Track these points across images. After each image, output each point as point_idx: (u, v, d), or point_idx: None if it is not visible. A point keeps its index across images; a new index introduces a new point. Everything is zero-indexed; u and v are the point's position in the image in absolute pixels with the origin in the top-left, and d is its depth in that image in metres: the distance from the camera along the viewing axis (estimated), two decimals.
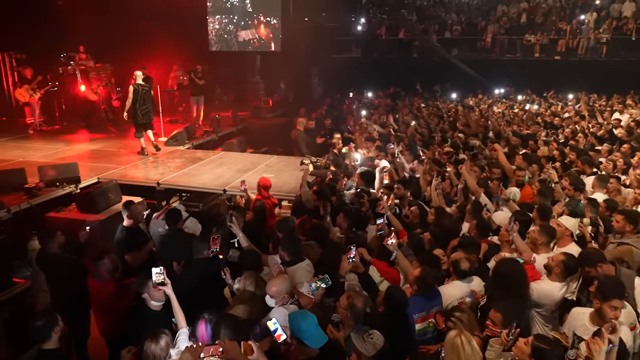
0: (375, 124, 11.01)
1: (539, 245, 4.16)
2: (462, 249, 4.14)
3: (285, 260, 4.26)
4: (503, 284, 3.56)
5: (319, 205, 5.53)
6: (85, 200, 6.92)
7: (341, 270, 3.74)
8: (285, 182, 7.90)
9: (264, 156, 9.79)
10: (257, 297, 3.83)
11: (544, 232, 4.17)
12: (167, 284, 3.48)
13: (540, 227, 4.25)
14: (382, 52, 20.23)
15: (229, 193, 7.54)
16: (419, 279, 3.54)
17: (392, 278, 4.20)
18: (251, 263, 4.41)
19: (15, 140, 11.01)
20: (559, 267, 3.62)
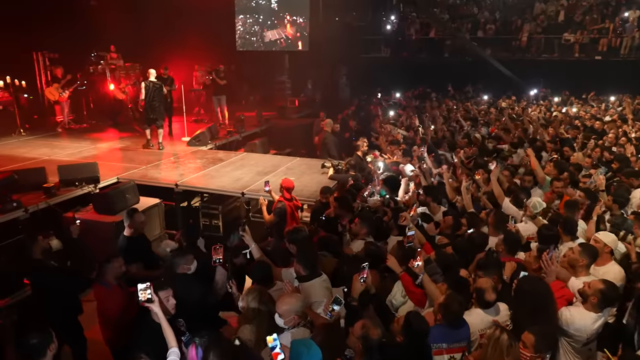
0: (402, 127, 10.57)
1: (579, 268, 3.70)
2: (480, 270, 3.73)
3: (301, 275, 3.94)
4: (527, 304, 3.16)
5: (339, 215, 5.19)
6: (102, 201, 6.81)
7: (353, 292, 3.38)
8: (306, 186, 7.59)
9: (286, 158, 9.52)
10: (262, 313, 3.53)
11: (585, 253, 3.70)
12: (155, 301, 3.22)
13: (581, 247, 3.77)
14: (412, 52, 19.68)
15: (247, 196, 7.28)
16: (443, 306, 3.16)
17: (417, 299, 3.80)
18: (260, 276, 4.13)
19: (44, 138, 11.13)
20: (595, 296, 3.17)
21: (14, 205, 6.41)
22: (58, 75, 12.32)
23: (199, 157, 9.40)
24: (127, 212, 5.38)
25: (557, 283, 3.51)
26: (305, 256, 4.00)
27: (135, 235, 5.30)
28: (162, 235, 7.54)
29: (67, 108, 12.37)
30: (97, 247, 6.78)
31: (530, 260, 3.88)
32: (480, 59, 18.51)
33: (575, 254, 3.71)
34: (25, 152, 9.59)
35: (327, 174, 8.14)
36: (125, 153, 9.68)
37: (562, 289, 3.49)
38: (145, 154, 9.61)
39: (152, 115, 9.81)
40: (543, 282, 3.37)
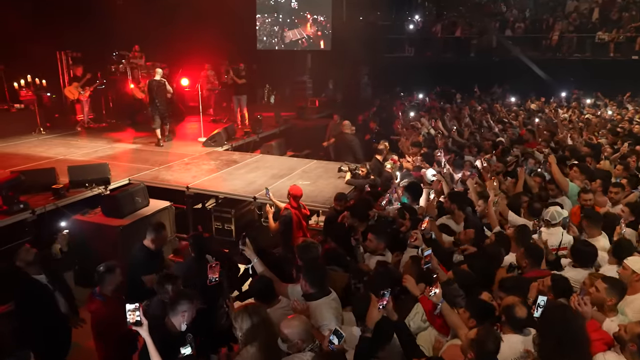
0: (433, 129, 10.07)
1: (607, 307, 3.18)
2: (503, 292, 3.27)
3: (307, 293, 3.55)
4: (554, 337, 2.68)
5: (353, 226, 4.77)
6: (110, 204, 6.56)
7: (369, 321, 2.93)
8: (321, 191, 7.19)
9: (302, 161, 9.13)
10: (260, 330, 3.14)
11: (612, 290, 3.17)
12: (144, 324, 2.89)
13: (607, 283, 3.20)
14: (436, 51, 19.05)
15: (259, 201, 6.93)
16: (477, 343, 2.69)
17: (439, 326, 3.35)
18: (260, 291, 3.75)
19: (63, 137, 11.05)
20: (635, 343, 2.65)
21: (21, 206, 6.22)
22: (78, 74, 12.27)
23: (214, 158, 9.11)
24: (153, 226, 4.98)
25: (593, 323, 3.01)
26: (313, 272, 3.60)
27: (155, 249, 4.92)
28: (172, 239, 7.27)
29: (87, 107, 12.31)
30: (103, 251, 6.59)
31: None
32: (508, 59, 17.77)
33: (601, 292, 3.17)
34: (41, 151, 9.49)
35: (344, 178, 7.72)
36: (139, 153, 9.47)
37: (599, 330, 2.98)
38: (160, 154, 9.38)
39: (157, 112, 10.10)
40: (572, 312, 2.88)
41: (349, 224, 4.83)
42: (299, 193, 5.93)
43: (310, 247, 4.15)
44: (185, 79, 13.86)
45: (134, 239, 6.56)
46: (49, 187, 6.79)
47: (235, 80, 12.03)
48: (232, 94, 12.36)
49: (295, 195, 5.91)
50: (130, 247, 6.50)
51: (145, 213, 6.82)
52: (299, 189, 5.98)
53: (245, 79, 12.10)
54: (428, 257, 3.50)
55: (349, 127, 9.18)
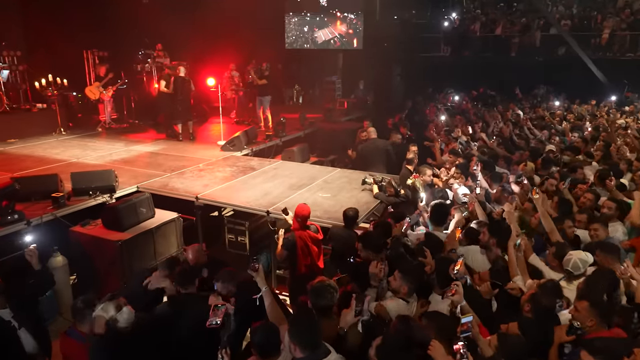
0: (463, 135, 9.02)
1: None
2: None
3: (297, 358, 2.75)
4: None
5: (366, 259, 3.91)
6: (110, 215, 5.95)
7: None
8: (343, 206, 6.30)
9: (325, 169, 8.29)
10: None
11: None
12: None
13: None
14: (475, 51, 17.80)
15: (272, 215, 6.15)
16: None
17: None
18: (261, 345, 2.95)
19: (82, 138, 10.66)
20: None
21: (15, 217, 5.68)
22: (101, 73, 11.87)
23: (230, 164, 8.41)
24: (167, 261, 4.25)
25: None
26: (300, 331, 2.77)
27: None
28: (179, 253, 6.60)
29: (109, 107, 11.91)
30: (101, 267, 6.00)
31: None
32: (552, 58, 16.37)
33: None
34: (56, 153, 9.06)
35: (369, 191, 6.84)
36: (154, 157, 8.89)
37: None
38: (174, 159, 8.77)
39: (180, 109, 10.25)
40: None
41: (362, 257, 3.97)
42: (304, 213, 5.12)
43: (324, 291, 3.27)
44: (211, 79, 13.29)
45: (135, 254, 5.96)
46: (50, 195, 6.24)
47: (255, 81, 11.36)
48: (255, 95, 11.68)
49: (300, 215, 5.11)
50: (131, 264, 5.92)
51: (150, 226, 6.18)
52: (306, 208, 5.16)
53: (267, 79, 11.39)
54: (467, 325, 2.61)
55: (374, 133, 8.27)
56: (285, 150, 9.23)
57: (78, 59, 13.20)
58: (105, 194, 6.65)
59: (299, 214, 5.10)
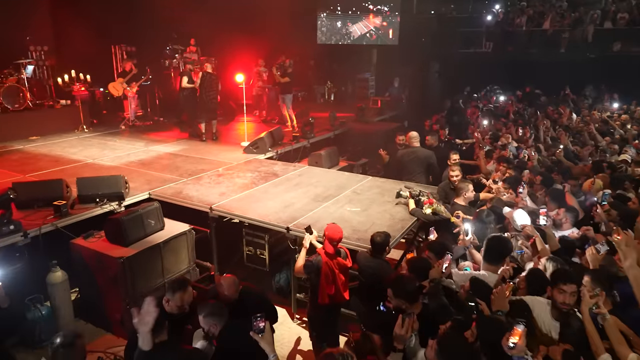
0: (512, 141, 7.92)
1: None
2: None
3: None
4: None
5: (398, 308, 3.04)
6: (113, 228, 5.29)
7: None
8: (374, 224, 5.47)
9: (354, 177, 7.41)
10: None
11: None
12: None
13: None
14: (519, 47, 16.38)
15: (293, 233, 5.34)
16: None
17: None
18: None
19: (103, 136, 10.19)
20: None
21: (11, 227, 5.10)
22: (126, 69, 11.39)
23: (251, 169, 7.66)
24: (171, 285, 3.59)
25: None
26: None
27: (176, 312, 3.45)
28: (190, 268, 5.92)
29: (134, 104, 11.42)
30: (104, 285, 5.37)
31: None
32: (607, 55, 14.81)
33: None
34: (73, 153, 8.58)
35: (405, 205, 5.94)
36: (173, 159, 8.25)
37: None
38: (194, 161, 8.11)
39: (209, 106, 9.73)
40: None
41: (394, 305, 3.09)
42: (335, 237, 4.28)
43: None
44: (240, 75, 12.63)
45: (140, 272, 5.29)
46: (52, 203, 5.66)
47: (276, 78, 10.60)
48: (278, 93, 10.92)
49: (331, 238, 4.27)
50: (135, 283, 5.26)
51: (158, 240, 5.49)
52: (338, 231, 4.32)
53: (290, 76, 10.59)
54: None
55: (415, 139, 7.31)
56: (312, 154, 8.40)
57: (106, 53, 12.83)
58: (114, 202, 6.04)
59: (329, 238, 4.26)
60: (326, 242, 4.31)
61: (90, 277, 5.36)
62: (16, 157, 8.39)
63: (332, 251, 4.29)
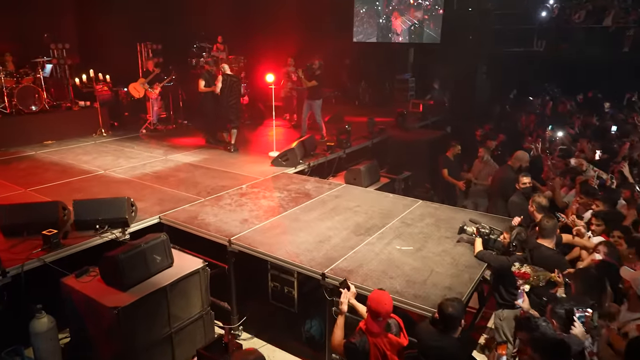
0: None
1: None
2: None
3: None
4: None
5: None
6: (109, 267, 4.25)
7: None
8: (432, 272, 4.23)
9: (401, 200, 6.13)
10: None
11: None
12: None
13: None
14: (576, 45, 14.61)
15: (330, 281, 4.16)
16: None
17: None
18: None
19: (121, 141, 9.29)
20: None
21: None
22: (149, 68, 10.47)
23: (280, 187, 6.52)
24: None
25: None
26: None
27: None
28: (204, 313, 4.83)
29: (156, 106, 10.50)
30: (96, 335, 4.33)
31: None
32: None
33: None
34: (85, 162, 7.67)
35: (470, 244, 4.68)
36: (192, 172, 7.21)
37: None
38: (215, 175, 7.05)
39: (229, 114, 8.44)
40: None
41: None
42: (384, 310, 3.08)
43: None
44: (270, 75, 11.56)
45: (140, 323, 4.23)
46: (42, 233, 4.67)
47: (302, 82, 9.34)
48: (304, 98, 9.59)
49: (377, 313, 3.07)
50: (134, 336, 4.21)
51: (164, 281, 4.41)
52: (386, 300, 3.12)
53: (318, 79, 9.20)
54: None
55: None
56: (350, 170, 7.19)
57: (131, 52, 12.00)
58: (117, 229, 5.02)
59: (375, 312, 3.08)
60: (369, 316, 3.12)
61: (81, 324, 4.36)
62: (24, 165, 7.55)
63: (379, 330, 3.09)
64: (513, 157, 6.27)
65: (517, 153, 6.29)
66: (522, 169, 6.16)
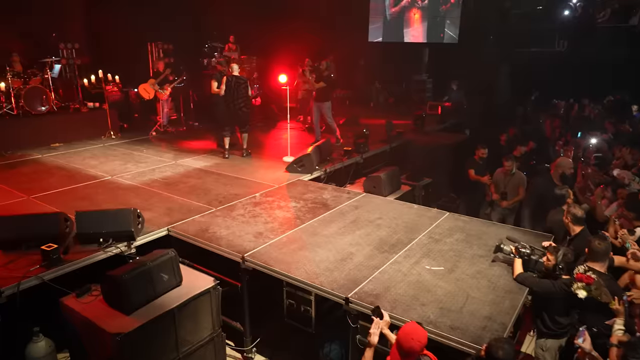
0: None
1: None
2: None
3: None
4: None
5: None
6: (111, 288, 3.87)
7: None
8: (468, 297, 3.78)
9: (426, 212, 5.66)
10: None
11: None
12: None
13: None
14: (601, 45, 13.99)
15: (354, 307, 3.73)
16: None
17: None
18: None
19: (130, 144, 8.95)
20: None
21: None
22: (160, 69, 10.12)
23: (296, 195, 6.10)
24: None
25: None
26: None
27: None
28: (215, 335, 4.43)
29: (167, 107, 10.15)
30: None
31: None
32: None
33: None
34: (93, 166, 7.33)
35: (507, 264, 4.22)
36: (203, 178, 6.83)
37: None
38: (227, 181, 6.66)
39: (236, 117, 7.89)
40: None
41: None
42: (418, 346, 2.65)
43: None
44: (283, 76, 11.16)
45: (145, 351, 3.84)
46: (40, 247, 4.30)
47: (310, 84, 8.91)
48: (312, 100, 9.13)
49: (408, 350, 2.64)
50: None
51: (172, 302, 4.00)
52: (421, 336, 2.70)
53: (327, 81, 8.77)
54: None
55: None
56: (369, 177, 6.74)
57: (142, 52, 11.68)
58: (122, 242, 4.64)
59: (408, 349, 2.65)
60: (398, 355, 2.69)
61: (81, 349, 3.98)
62: (29, 169, 7.23)
63: None
64: (554, 165, 5.77)
65: (559, 160, 5.80)
66: (564, 177, 5.67)
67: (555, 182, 5.64)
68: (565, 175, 5.69)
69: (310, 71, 9.14)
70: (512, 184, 6.56)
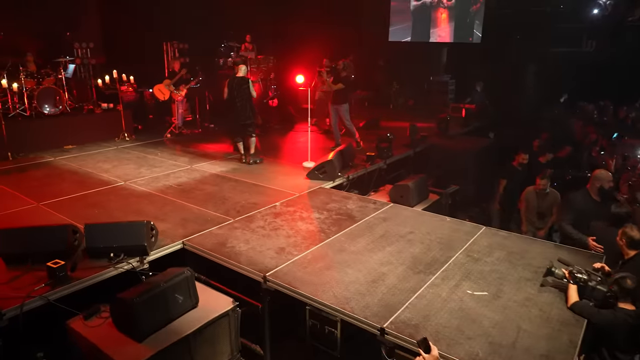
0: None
1: None
2: None
3: None
4: None
5: None
6: (121, 313, 3.50)
7: None
8: (520, 331, 3.34)
9: (462, 226, 5.18)
10: None
11: None
12: None
13: None
14: (633, 45, 13.31)
15: (390, 338, 3.31)
16: None
17: None
18: None
19: (144, 147, 8.64)
20: None
21: None
22: (175, 69, 9.80)
23: (318, 205, 5.69)
24: None
25: None
26: None
27: None
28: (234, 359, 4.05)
29: (182, 109, 9.82)
30: None
31: None
32: None
33: None
34: (105, 170, 7.02)
35: (558, 288, 3.75)
36: (219, 185, 6.46)
37: None
38: (246, 189, 6.28)
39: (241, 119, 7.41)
40: None
41: None
42: None
43: None
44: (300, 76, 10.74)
45: None
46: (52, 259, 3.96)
47: (327, 85, 8.46)
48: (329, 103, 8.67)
49: None
50: None
51: (187, 328, 3.64)
52: None
53: (345, 82, 8.32)
54: None
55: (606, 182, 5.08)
56: (396, 186, 6.28)
57: (157, 51, 11.39)
58: (134, 258, 4.28)
59: None
60: None
61: None
62: (41, 173, 6.94)
63: None
64: (591, 178, 5.26)
65: (596, 172, 5.28)
66: (603, 191, 5.17)
67: (592, 197, 5.14)
68: (604, 189, 5.17)
69: (327, 72, 8.71)
70: (547, 203, 6.05)
